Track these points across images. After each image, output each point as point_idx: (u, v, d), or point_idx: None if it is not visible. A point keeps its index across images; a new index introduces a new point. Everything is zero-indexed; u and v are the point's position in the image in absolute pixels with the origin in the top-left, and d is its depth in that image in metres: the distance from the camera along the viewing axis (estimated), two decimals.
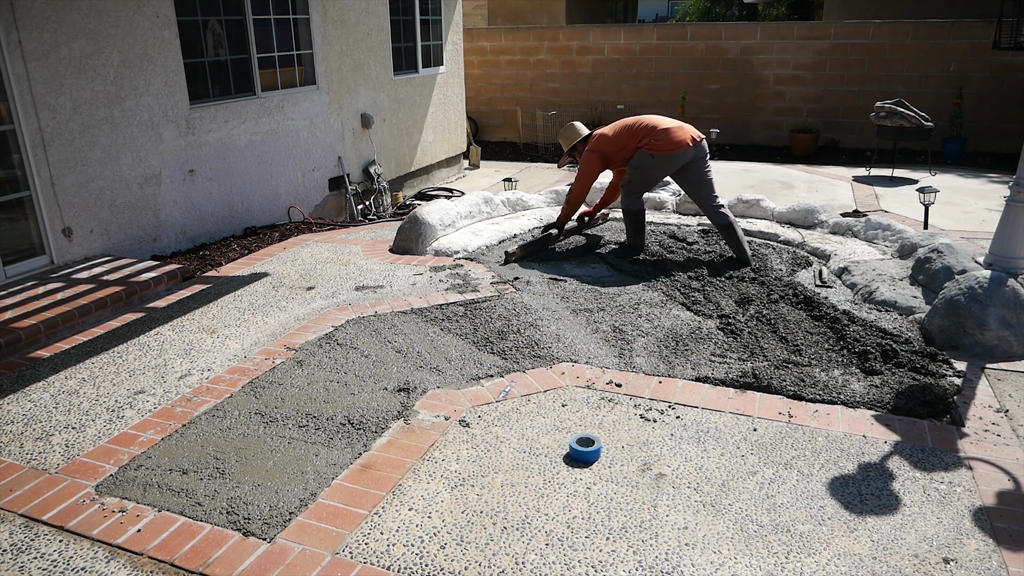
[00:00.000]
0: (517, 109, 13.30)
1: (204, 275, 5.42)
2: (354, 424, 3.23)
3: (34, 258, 5.16)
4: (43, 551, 2.52)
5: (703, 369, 3.72)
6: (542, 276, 5.05)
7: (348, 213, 8.39)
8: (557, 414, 3.31)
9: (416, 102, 9.84)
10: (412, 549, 2.47)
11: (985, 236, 6.19)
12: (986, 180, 8.93)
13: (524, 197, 6.97)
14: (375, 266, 5.44)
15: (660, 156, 5.15)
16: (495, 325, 4.21)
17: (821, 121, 11.54)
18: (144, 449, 3.09)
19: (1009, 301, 3.81)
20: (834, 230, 6.03)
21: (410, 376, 3.66)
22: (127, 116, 5.63)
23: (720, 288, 4.79)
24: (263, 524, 2.61)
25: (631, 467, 2.91)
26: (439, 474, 2.89)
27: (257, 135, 6.93)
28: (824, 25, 11.39)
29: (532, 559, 2.42)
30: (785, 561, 2.39)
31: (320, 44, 7.69)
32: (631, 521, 2.59)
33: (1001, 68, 10.43)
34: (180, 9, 6.02)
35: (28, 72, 4.90)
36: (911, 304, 4.34)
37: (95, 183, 5.44)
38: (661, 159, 5.16)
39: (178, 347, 4.11)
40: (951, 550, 2.44)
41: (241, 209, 6.86)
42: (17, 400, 3.55)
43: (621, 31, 12.50)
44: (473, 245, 5.78)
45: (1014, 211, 4.29)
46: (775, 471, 2.87)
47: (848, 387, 3.49)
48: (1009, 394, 3.43)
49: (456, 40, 10.78)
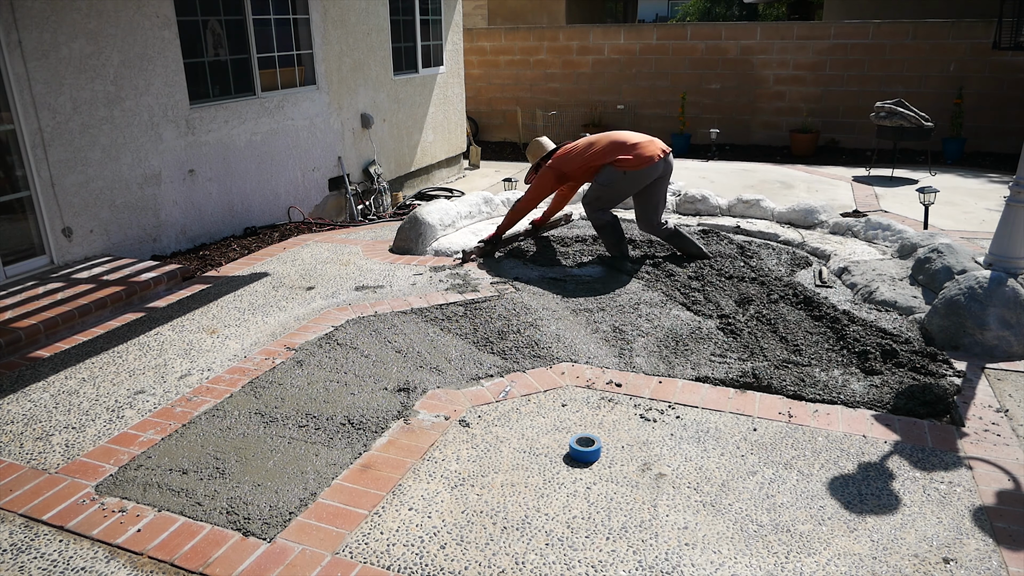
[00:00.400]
0: (517, 109, 13.30)
1: (204, 275, 5.42)
2: (354, 424, 3.23)
3: (34, 258, 5.16)
4: (43, 551, 2.52)
5: (703, 369, 3.72)
6: (542, 277, 5.05)
7: (348, 213, 8.39)
8: (557, 414, 3.31)
9: (416, 102, 9.84)
10: (412, 549, 2.47)
11: (985, 236, 6.19)
12: (986, 180, 8.94)
13: None
14: (375, 266, 5.44)
15: (632, 172, 5.06)
16: (495, 325, 4.21)
17: (821, 121, 11.54)
18: (144, 449, 3.09)
19: (1009, 301, 3.81)
20: (834, 230, 6.03)
21: (410, 376, 3.66)
22: (127, 116, 5.63)
23: (720, 288, 4.78)
24: (263, 524, 2.61)
25: (631, 467, 2.91)
26: (439, 474, 2.89)
27: (257, 135, 6.93)
28: (824, 25, 11.39)
29: (532, 559, 2.42)
30: (785, 561, 2.39)
31: (320, 44, 7.69)
32: (631, 521, 2.59)
33: (1001, 68, 10.43)
34: (180, 9, 6.02)
35: (28, 72, 4.90)
36: (911, 304, 4.34)
37: (95, 183, 5.44)
38: (633, 175, 5.08)
39: (178, 347, 4.11)
40: (951, 550, 2.44)
41: (241, 209, 6.86)
42: (17, 400, 3.55)
43: (621, 31, 12.50)
44: (473, 245, 5.78)
45: (1014, 211, 4.29)
46: (775, 471, 2.87)
47: (848, 387, 3.49)
48: (1009, 394, 3.43)
49: (456, 40, 10.78)
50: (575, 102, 12.96)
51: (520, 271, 5.16)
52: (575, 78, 12.91)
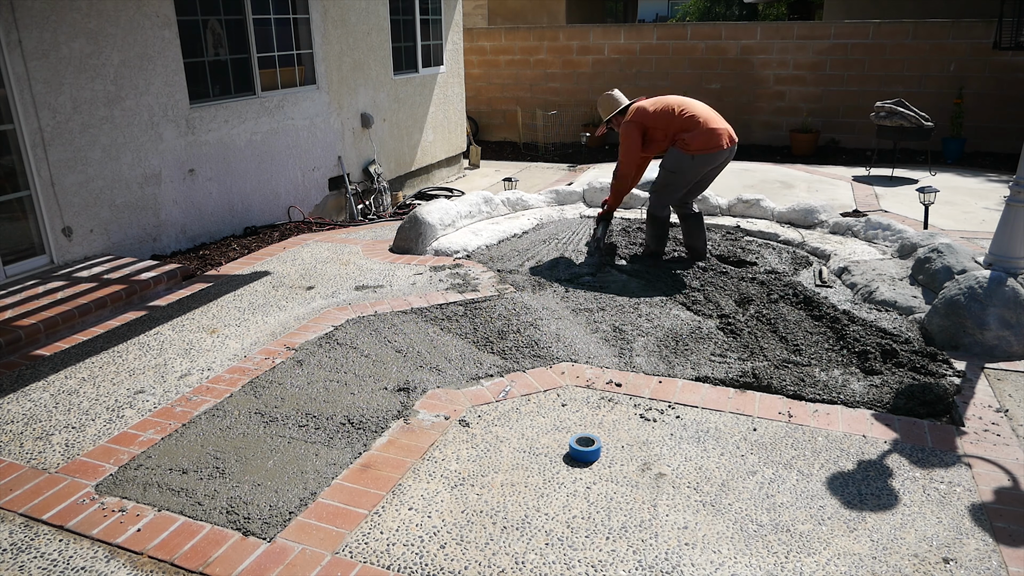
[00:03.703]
0: (517, 109, 13.29)
1: (204, 274, 5.42)
2: (354, 424, 3.23)
3: (34, 258, 5.16)
4: (43, 550, 2.52)
5: (703, 369, 3.72)
6: (545, 277, 5.05)
7: (348, 213, 8.39)
8: (557, 414, 3.31)
9: (416, 102, 9.84)
10: (412, 549, 2.47)
11: (985, 236, 6.19)
12: (986, 180, 8.93)
13: (524, 197, 6.97)
14: (375, 266, 5.44)
15: (700, 156, 4.67)
16: (495, 325, 4.21)
17: (821, 121, 11.54)
18: (144, 449, 3.09)
19: (1009, 301, 3.81)
20: (834, 230, 6.03)
21: (410, 376, 3.67)
22: (127, 116, 5.62)
23: (720, 288, 4.78)
24: (263, 524, 2.61)
25: (631, 467, 2.91)
26: (439, 474, 2.89)
27: (257, 135, 6.93)
28: (824, 25, 11.38)
29: (532, 559, 2.42)
30: (785, 561, 2.39)
31: (320, 44, 7.69)
32: (631, 521, 2.59)
33: (1001, 68, 10.43)
34: (180, 9, 6.02)
35: (28, 72, 4.90)
36: (911, 304, 4.34)
37: (95, 183, 5.44)
38: (701, 159, 4.69)
39: (178, 347, 4.11)
40: (951, 550, 2.44)
41: (241, 209, 6.86)
42: (17, 400, 3.55)
43: (621, 31, 12.50)
44: (473, 245, 5.78)
45: (1014, 211, 4.28)
46: (775, 471, 2.87)
47: (848, 387, 3.49)
48: (1009, 394, 3.43)
49: (456, 40, 10.78)
50: (575, 102, 12.95)
51: (534, 275, 5.15)
52: (575, 78, 12.91)
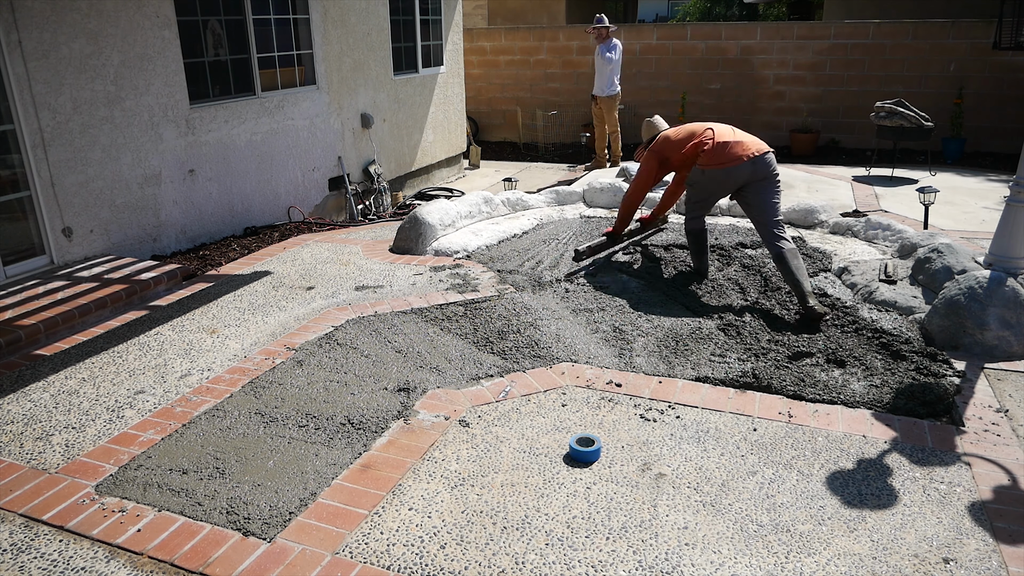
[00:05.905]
0: (517, 109, 13.29)
1: (204, 275, 5.42)
2: (354, 424, 3.23)
3: (34, 258, 5.16)
4: (43, 551, 2.52)
5: (703, 369, 3.72)
6: (548, 278, 5.05)
7: (348, 213, 8.38)
8: (557, 414, 3.31)
9: (416, 102, 9.84)
10: (412, 549, 2.47)
11: (985, 236, 6.18)
12: (986, 180, 8.93)
13: (524, 197, 6.97)
14: (375, 266, 5.44)
15: (709, 171, 4.71)
16: (495, 325, 4.21)
17: (821, 121, 11.53)
18: (144, 449, 3.09)
19: (1009, 301, 3.81)
20: (834, 230, 6.03)
21: (410, 376, 3.67)
22: (127, 116, 5.63)
23: (720, 288, 4.78)
24: (263, 524, 2.61)
25: (631, 467, 2.91)
26: (439, 474, 2.89)
27: (257, 135, 6.93)
28: (824, 25, 11.38)
29: (532, 559, 2.42)
30: (785, 561, 2.39)
31: (320, 44, 7.69)
32: (631, 521, 2.59)
33: (1001, 68, 10.43)
34: (180, 9, 6.02)
35: (28, 72, 4.90)
36: (911, 304, 4.34)
37: (95, 183, 5.44)
38: (711, 174, 4.71)
39: (178, 347, 4.11)
40: (951, 550, 2.44)
41: (241, 209, 6.86)
42: (17, 400, 3.55)
43: (621, 31, 12.49)
44: (473, 245, 5.78)
45: (1014, 211, 4.28)
46: (775, 471, 2.87)
47: (848, 387, 3.49)
48: (1009, 394, 3.43)
49: (456, 40, 10.78)
50: (575, 102, 12.95)
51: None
52: (575, 78, 12.90)
